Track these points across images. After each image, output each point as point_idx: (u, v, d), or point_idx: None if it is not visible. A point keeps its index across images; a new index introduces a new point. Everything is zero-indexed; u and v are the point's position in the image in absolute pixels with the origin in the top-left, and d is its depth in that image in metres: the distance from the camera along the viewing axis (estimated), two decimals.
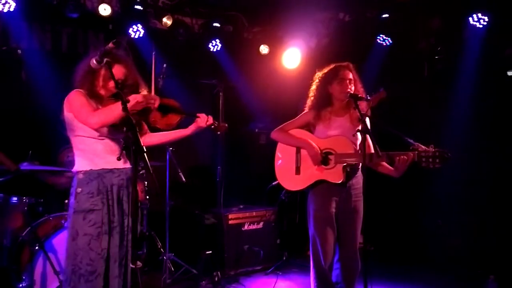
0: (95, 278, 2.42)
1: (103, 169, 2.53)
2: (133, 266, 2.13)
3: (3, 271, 3.46)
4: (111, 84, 2.52)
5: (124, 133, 2.61)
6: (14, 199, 3.62)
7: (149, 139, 2.76)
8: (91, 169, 2.52)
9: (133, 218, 2.29)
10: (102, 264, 2.45)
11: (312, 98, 3.23)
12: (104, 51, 2.37)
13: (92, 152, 2.53)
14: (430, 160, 2.80)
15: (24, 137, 3.75)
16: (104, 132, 2.52)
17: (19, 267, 3.43)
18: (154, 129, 2.77)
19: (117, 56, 2.60)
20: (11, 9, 4.14)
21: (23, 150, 3.41)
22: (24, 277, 3.39)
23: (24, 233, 3.49)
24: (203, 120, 2.69)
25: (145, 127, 2.75)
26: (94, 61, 2.38)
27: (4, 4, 4.11)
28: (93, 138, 2.51)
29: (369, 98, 3.07)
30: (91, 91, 2.53)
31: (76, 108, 2.48)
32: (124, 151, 2.61)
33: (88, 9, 4.55)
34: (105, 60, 2.39)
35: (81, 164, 2.55)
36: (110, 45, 2.37)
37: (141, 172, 4.12)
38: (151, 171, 2.13)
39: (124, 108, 2.28)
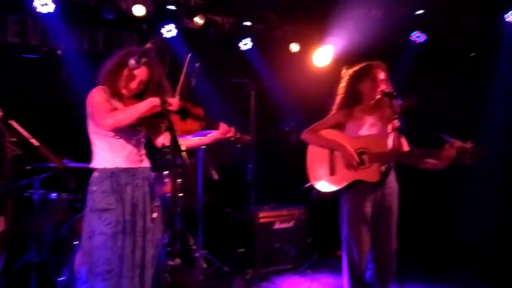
0: (112, 277, 2.41)
1: (117, 167, 2.51)
2: (172, 263, 2.15)
3: (43, 265, 3.56)
4: (133, 85, 2.54)
5: (142, 133, 2.64)
6: (54, 195, 3.75)
7: (165, 141, 2.70)
8: (104, 167, 2.51)
9: (172, 213, 2.29)
10: (119, 263, 2.44)
11: (341, 96, 3.20)
12: (142, 51, 2.38)
13: (109, 151, 2.53)
14: (467, 155, 2.76)
15: (64, 135, 3.86)
16: (121, 131, 2.51)
17: (59, 262, 3.54)
18: None
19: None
20: (50, 10, 4.27)
21: (64, 147, 3.51)
22: (63, 272, 3.50)
23: (64, 227, 3.60)
24: (223, 131, 2.66)
25: (162, 128, 2.67)
26: (133, 61, 2.40)
27: (43, 6, 4.25)
28: (110, 136, 2.51)
29: (399, 102, 3.03)
30: (113, 90, 2.54)
31: (94, 106, 2.48)
32: (144, 151, 2.65)
33: (123, 10, 4.62)
34: (143, 60, 2.42)
35: (97, 161, 2.55)
36: (149, 45, 2.38)
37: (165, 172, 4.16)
38: (189, 170, 2.16)
39: (163, 106, 2.33)
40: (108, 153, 2.53)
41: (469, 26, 4.86)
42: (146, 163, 2.65)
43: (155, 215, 2.59)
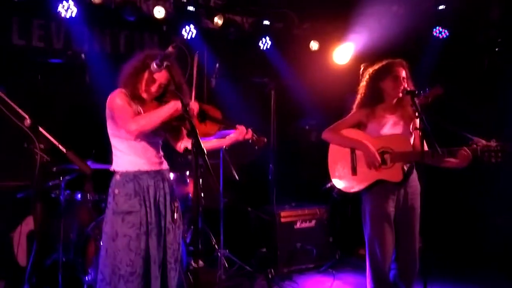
0: (135, 279, 2.43)
1: (139, 170, 2.53)
2: (195, 265, 2.17)
3: (69, 264, 3.64)
4: (153, 88, 2.55)
5: (162, 136, 2.66)
6: (79, 195, 3.83)
7: (186, 145, 2.70)
8: (126, 170, 2.53)
9: (194, 213, 2.29)
10: (142, 264, 2.45)
11: (361, 95, 3.16)
12: (164, 55, 2.38)
13: (130, 153, 2.54)
14: (492, 154, 2.72)
15: (89, 137, 3.94)
16: (145, 134, 2.53)
17: (84, 261, 3.60)
18: None
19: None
20: (73, 15, 4.34)
21: (89, 149, 3.57)
22: (89, 271, 3.57)
23: (89, 228, 3.67)
24: (241, 133, 2.65)
25: (183, 132, 2.72)
26: (155, 65, 2.41)
27: (67, 10, 4.32)
28: (131, 139, 2.52)
29: (424, 94, 2.99)
30: (133, 93, 2.55)
31: (116, 109, 2.49)
32: (162, 153, 2.67)
33: (144, 12, 4.68)
34: (165, 63, 2.44)
35: (118, 164, 2.57)
36: (170, 49, 2.37)
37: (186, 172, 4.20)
38: (212, 173, 2.17)
39: (184, 110, 2.35)
40: (129, 156, 2.55)
41: (495, 19, 4.73)
42: (165, 165, 2.68)
43: (175, 215, 2.62)
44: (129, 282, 2.42)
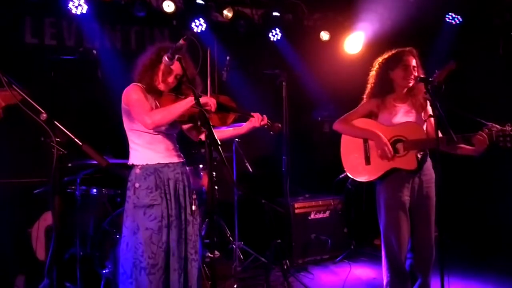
0: (157, 271, 2.46)
1: (159, 163, 2.56)
2: (212, 256, 2.19)
3: (87, 258, 3.69)
4: (170, 79, 2.57)
5: (178, 128, 2.68)
6: (94, 190, 3.88)
7: (202, 136, 2.75)
8: (147, 164, 2.55)
9: (209, 206, 2.33)
10: (163, 257, 2.48)
11: (372, 85, 3.13)
12: (175, 48, 2.39)
13: (148, 147, 2.56)
14: (508, 138, 2.70)
15: (102, 132, 3.98)
16: (161, 127, 2.55)
17: (102, 255, 3.65)
18: None
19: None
20: (84, 11, 4.38)
21: (101, 144, 3.60)
22: (107, 264, 3.61)
23: (106, 222, 3.71)
24: (257, 120, 2.65)
25: (201, 126, 2.74)
26: (166, 58, 2.42)
27: (77, 7, 4.36)
28: (149, 133, 2.55)
29: (438, 71, 2.93)
30: (150, 86, 2.56)
31: (133, 104, 2.50)
32: (177, 145, 2.69)
33: (154, 7, 4.70)
34: (176, 56, 2.45)
35: (137, 158, 2.58)
36: (181, 42, 2.38)
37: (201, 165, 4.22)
38: (226, 163, 2.18)
39: (197, 103, 2.35)
40: (148, 150, 2.57)
41: (510, 1, 4.62)
42: (181, 157, 2.71)
43: (194, 207, 2.64)
44: (151, 274, 2.44)
